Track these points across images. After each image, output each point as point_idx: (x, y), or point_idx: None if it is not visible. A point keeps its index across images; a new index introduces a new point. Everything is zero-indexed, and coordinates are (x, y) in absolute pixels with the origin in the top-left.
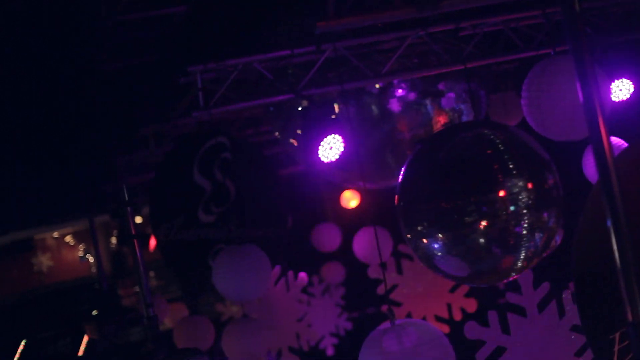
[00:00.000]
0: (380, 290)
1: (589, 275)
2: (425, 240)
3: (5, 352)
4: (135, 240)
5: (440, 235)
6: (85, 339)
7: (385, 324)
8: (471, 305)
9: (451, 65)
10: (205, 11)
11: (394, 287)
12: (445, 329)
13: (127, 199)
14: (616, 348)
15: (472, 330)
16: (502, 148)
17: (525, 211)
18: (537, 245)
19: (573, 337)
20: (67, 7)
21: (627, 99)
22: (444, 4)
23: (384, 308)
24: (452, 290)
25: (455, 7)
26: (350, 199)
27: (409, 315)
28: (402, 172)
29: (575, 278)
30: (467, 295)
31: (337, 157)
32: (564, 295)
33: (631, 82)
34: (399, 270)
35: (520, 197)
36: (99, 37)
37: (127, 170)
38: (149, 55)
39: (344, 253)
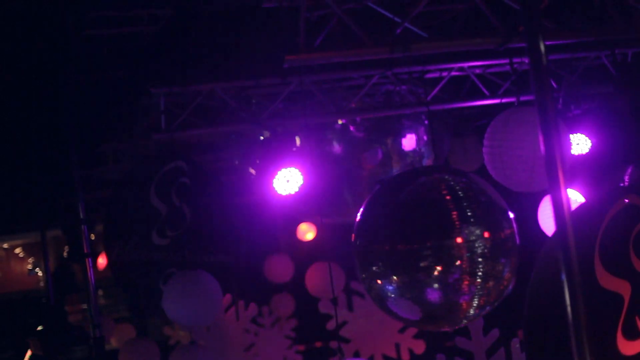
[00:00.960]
0: (330, 325)
1: (539, 324)
2: (379, 281)
3: None
4: (87, 259)
5: (394, 277)
6: (29, 353)
7: None
8: (419, 347)
9: (414, 107)
10: (173, 33)
11: (344, 323)
12: None
13: (82, 215)
14: None
15: None
16: (461, 195)
17: (480, 259)
18: (490, 294)
19: None
20: (37, 17)
21: (585, 154)
22: (414, 47)
23: (333, 344)
24: (402, 330)
25: (425, 51)
26: (307, 232)
27: (356, 353)
28: (360, 211)
29: (526, 327)
30: (416, 336)
31: (295, 190)
32: (512, 343)
33: (588, 138)
34: (350, 307)
35: (476, 244)
36: (66, 50)
37: (84, 186)
38: (115, 72)
39: (295, 285)
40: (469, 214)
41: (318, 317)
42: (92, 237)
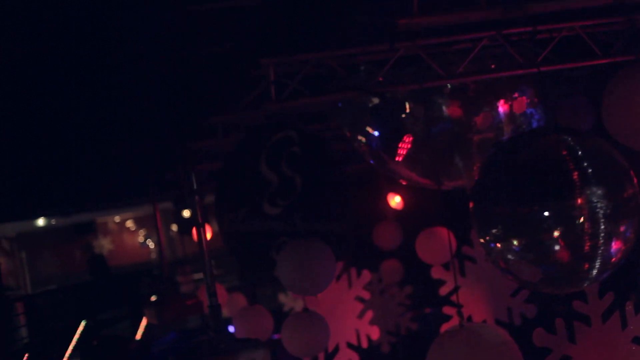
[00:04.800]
0: (443, 291)
1: None
2: (499, 245)
3: (65, 332)
4: (201, 229)
5: (514, 240)
6: (144, 322)
7: (452, 326)
8: (531, 311)
9: (525, 69)
10: (279, 3)
11: (457, 288)
12: (505, 333)
13: (195, 186)
14: None
15: (539, 337)
16: (581, 154)
17: (602, 220)
18: (612, 256)
19: (634, 348)
20: None
21: None
22: (529, 7)
23: (447, 309)
24: (514, 294)
25: (540, 10)
26: (392, 199)
27: (469, 318)
28: (477, 174)
29: None
30: (527, 300)
31: (406, 156)
32: (626, 306)
33: None
34: (462, 273)
35: (598, 205)
36: (172, 26)
37: (194, 158)
38: (222, 45)
39: (406, 252)
40: (590, 173)
41: (429, 283)
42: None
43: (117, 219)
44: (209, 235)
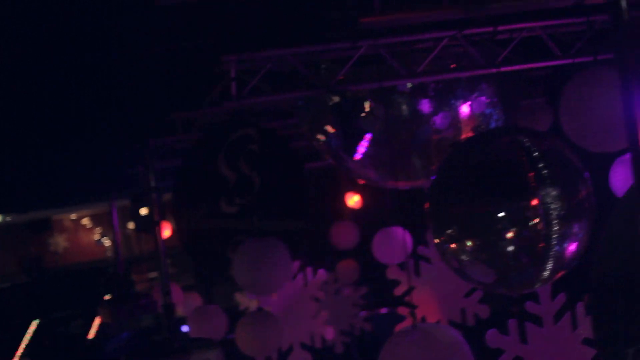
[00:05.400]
0: (398, 291)
1: (607, 288)
2: (453, 245)
3: (17, 330)
4: (157, 227)
5: (469, 240)
6: (98, 321)
7: (405, 326)
8: (484, 312)
9: (485, 69)
10: (241, 1)
11: (412, 289)
12: (459, 334)
13: (153, 184)
14: None
15: (492, 338)
16: (537, 155)
17: (556, 221)
18: (565, 257)
19: (581, 349)
20: None
21: None
22: (490, 6)
23: (401, 310)
24: (467, 295)
25: (501, 10)
26: (351, 198)
27: (423, 319)
28: (434, 174)
29: (593, 291)
30: (481, 301)
31: (365, 155)
32: (578, 308)
33: None
34: (417, 273)
35: (552, 206)
36: (134, 21)
37: (153, 156)
38: (184, 41)
39: (362, 252)
40: (545, 175)
41: (385, 283)
42: (146, 211)
43: (73, 216)
44: (168, 233)
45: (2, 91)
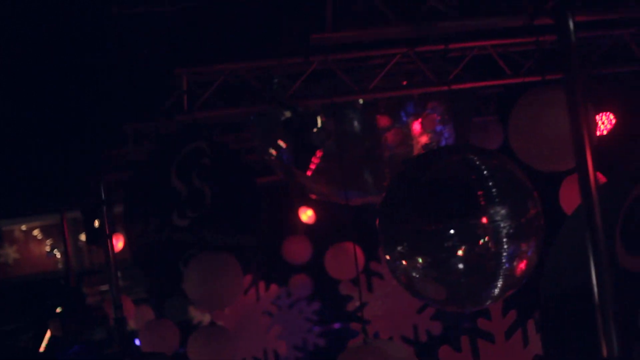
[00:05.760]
0: (350, 307)
1: (555, 305)
2: (404, 262)
3: None
4: (108, 240)
5: (419, 257)
6: (48, 335)
7: (358, 342)
8: (437, 328)
9: (436, 87)
10: (196, 13)
11: (364, 304)
12: (410, 350)
13: (104, 196)
14: None
15: (445, 355)
16: (487, 174)
17: (505, 239)
18: (515, 275)
19: None
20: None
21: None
22: (441, 25)
23: (354, 325)
24: (419, 311)
25: (451, 29)
26: (303, 213)
27: (376, 334)
28: (384, 191)
29: (542, 308)
30: (433, 318)
31: (316, 170)
32: (529, 325)
33: (613, 116)
34: (370, 288)
35: (501, 225)
36: (87, 30)
37: (105, 167)
38: (137, 52)
39: (315, 267)
40: (494, 193)
41: (338, 299)
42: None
43: (23, 227)
44: (121, 245)
45: None
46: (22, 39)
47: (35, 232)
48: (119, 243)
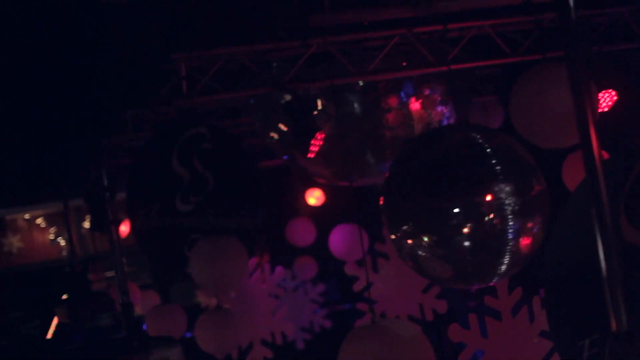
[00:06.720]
0: (357, 287)
1: (560, 281)
2: (409, 241)
3: None
4: (112, 226)
5: (425, 236)
6: (55, 322)
7: (364, 322)
8: (442, 307)
9: (435, 67)
10: None
11: (370, 285)
12: (419, 328)
13: (106, 183)
14: (585, 355)
15: (454, 333)
16: (490, 152)
17: (511, 216)
18: (521, 251)
19: (536, 341)
20: None
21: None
22: (438, 5)
23: (361, 306)
24: (425, 290)
25: (449, 9)
26: (311, 196)
27: (382, 314)
28: (388, 171)
29: (547, 284)
30: (438, 296)
31: (317, 153)
32: (534, 301)
33: (615, 93)
34: (375, 269)
35: (506, 202)
36: (86, 19)
37: (106, 155)
38: (135, 38)
39: (319, 249)
40: (499, 171)
41: (343, 280)
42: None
43: (27, 216)
44: (125, 232)
45: None
46: (21, 27)
47: (39, 221)
48: (123, 227)
